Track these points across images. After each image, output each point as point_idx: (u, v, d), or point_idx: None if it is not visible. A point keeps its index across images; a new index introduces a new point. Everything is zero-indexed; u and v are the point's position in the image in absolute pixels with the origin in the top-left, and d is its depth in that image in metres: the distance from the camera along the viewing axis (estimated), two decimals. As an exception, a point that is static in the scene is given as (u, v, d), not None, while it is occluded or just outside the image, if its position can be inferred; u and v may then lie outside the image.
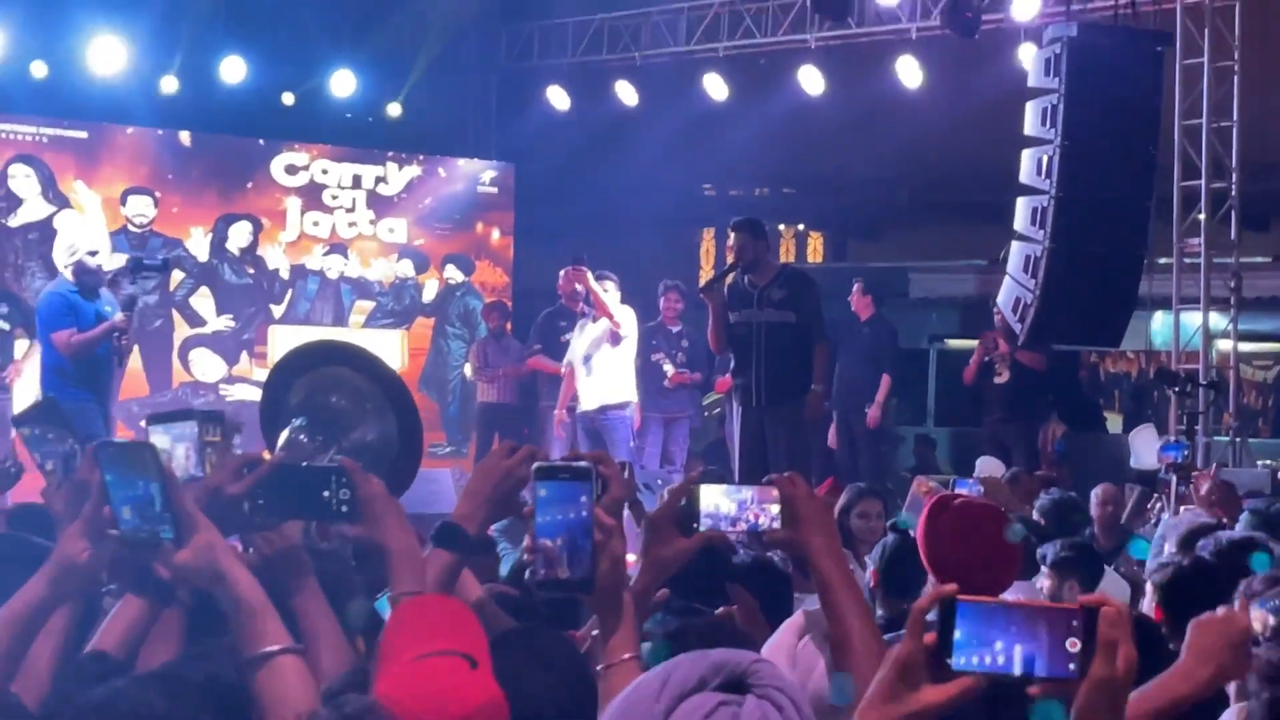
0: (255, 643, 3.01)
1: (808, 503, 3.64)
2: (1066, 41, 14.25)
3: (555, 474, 3.17)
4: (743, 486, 3.64)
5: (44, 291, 12.62)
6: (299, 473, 3.47)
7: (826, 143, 20.28)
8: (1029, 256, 14.45)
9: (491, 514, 3.69)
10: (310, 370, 4.72)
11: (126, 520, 3.10)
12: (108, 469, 3.12)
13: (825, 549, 3.63)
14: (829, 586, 3.60)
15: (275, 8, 18.10)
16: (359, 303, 18.47)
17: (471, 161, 19.37)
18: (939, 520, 5.40)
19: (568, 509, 3.14)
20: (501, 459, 3.66)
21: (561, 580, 3.15)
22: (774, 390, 11.97)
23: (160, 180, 17.37)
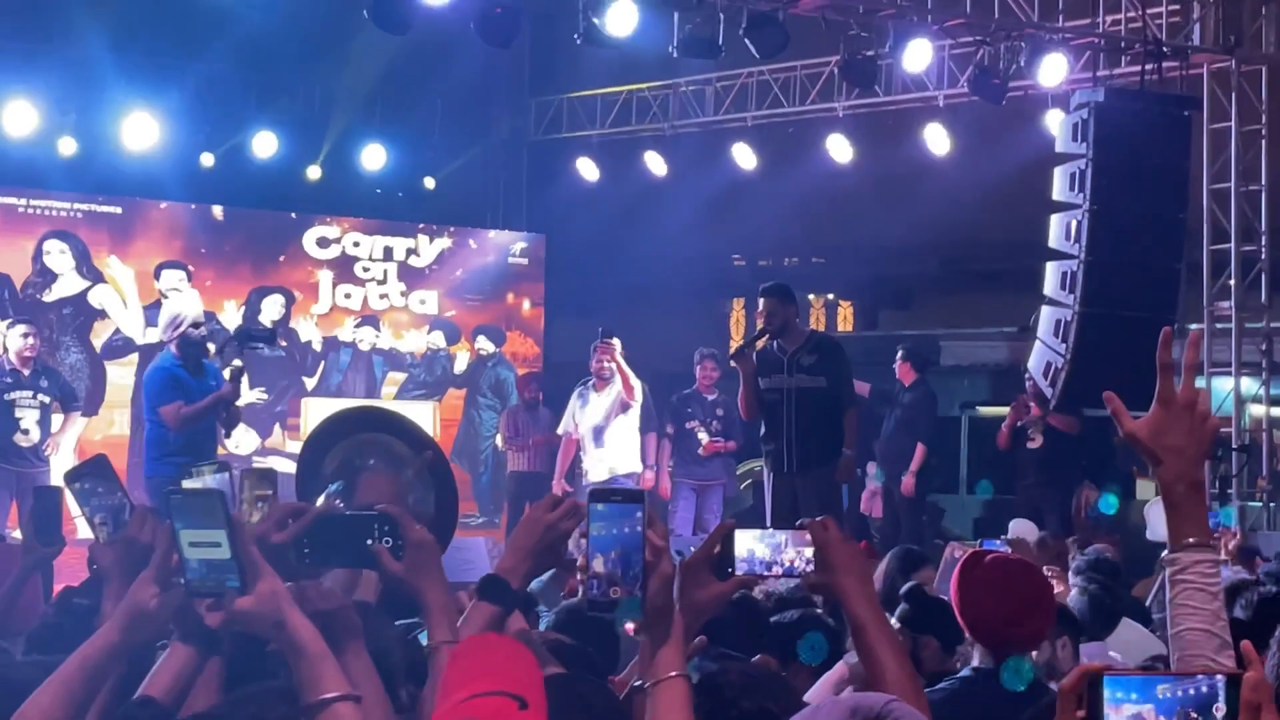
0: (314, 689, 3.05)
1: (841, 547, 3.67)
2: (1094, 107, 14.33)
3: (608, 497, 3.26)
4: (777, 531, 3.68)
5: (150, 366, 12.65)
6: (343, 520, 3.51)
7: (856, 211, 20.34)
8: (1059, 321, 14.48)
9: (535, 567, 3.72)
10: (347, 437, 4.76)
11: (194, 569, 3.13)
12: (177, 516, 3.15)
13: (858, 592, 3.65)
14: (863, 629, 3.63)
15: (306, 82, 18.26)
16: (391, 374, 18.54)
17: (502, 233, 19.48)
18: (972, 576, 5.40)
19: (620, 531, 3.23)
20: (545, 512, 3.69)
21: (615, 600, 3.23)
22: (805, 455, 11.99)
23: (193, 254, 17.48)
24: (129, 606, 3.20)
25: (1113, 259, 14.27)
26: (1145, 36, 15.14)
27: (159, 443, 11.85)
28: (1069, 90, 15.28)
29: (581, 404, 14.85)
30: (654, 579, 3.24)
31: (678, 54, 14.07)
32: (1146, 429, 3.37)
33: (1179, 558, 3.33)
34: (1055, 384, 14.49)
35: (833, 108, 17.51)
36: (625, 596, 3.22)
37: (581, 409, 14.82)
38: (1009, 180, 17.52)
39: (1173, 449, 3.36)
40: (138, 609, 3.20)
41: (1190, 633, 3.28)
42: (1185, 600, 3.31)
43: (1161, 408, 3.37)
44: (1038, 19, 15.00)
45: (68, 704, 3.10)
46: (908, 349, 16.42)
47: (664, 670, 3.25)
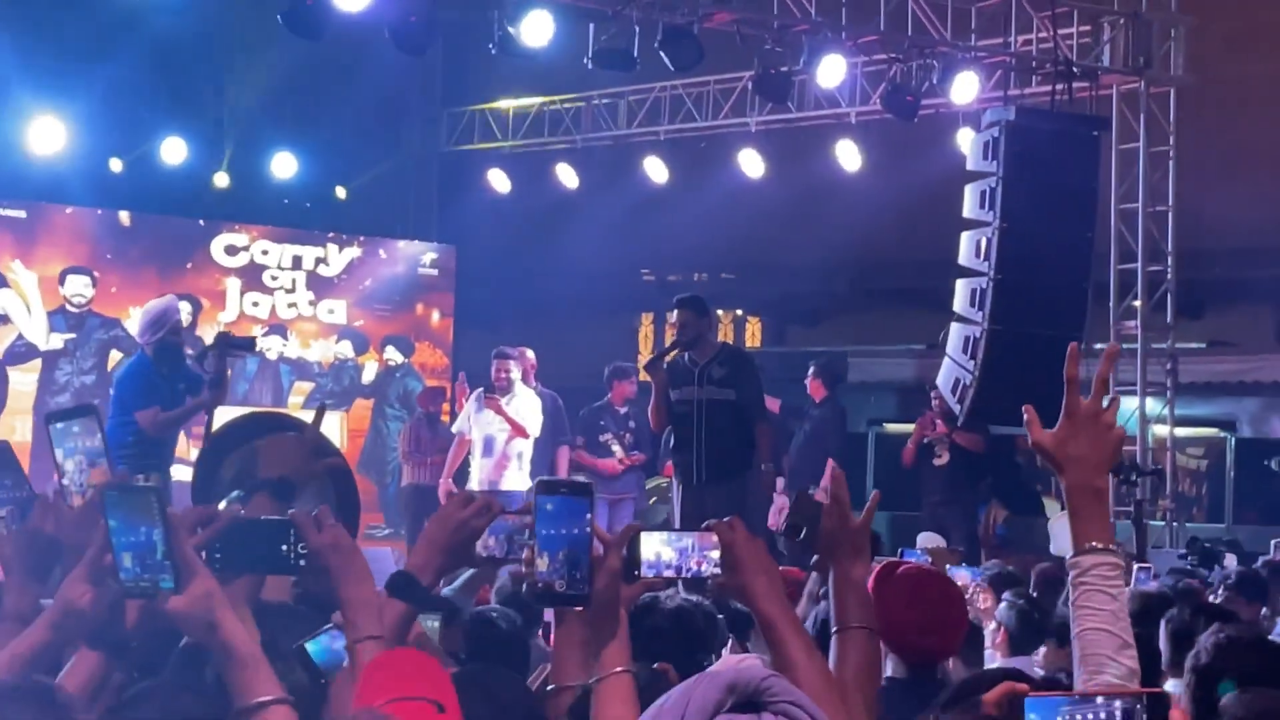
0: (247, 693, 3.02)
1: (746, 546, 3.63)
2: (1005, 126, 14.43)
3: (557, 489, 3.26)
4: (683, 534, 3.65)
5: (125, 367, 12.50)
6: (256, 526, 3.44)
7: (766, 226, 20.40)
8: (968, 338, 14.57)
9: (446, 563, 3.69)
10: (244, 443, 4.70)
11: (127, 568, 3.09)
12: (111, 514, 3.10)
13: (766, 591, 3.62)
14: (772, 627, 3.61)
15: (216, 89, 18.13)
16: (298, 383, 18.41)
17: (412, 243, 19.39)
18: (886, 587, 5.40)
19: (568, 524, 3.23)
20: (458, 509, 3.66)
21: (559, 593, 3.25)
22: (714, 468, 11.99)
23: (99, 260, 17.30)
24: (60, 604, 3.16)
25: (1022, 277, 14.37)
26: (1056, 57, 15.28)
27: (118, 444, 11.73)
28: (980, 109, 15.39)
29: (477, 409, 14.75)
30: (602, 573, 3.25)
31: (592, 66, 14.06)
32: (1052, 438, 3.47)
33: (1080, 561, 3.42)
34: (963, 400, 14.57)
35: (745, 123, 17.56)
36: (573, 591, 3.21)
37: (476, 414, 14.72)
38: (919, 197, 17.62)
39: (1076, 457, 3.46)
40: (70, 606, 3.15)
41: (1090, 633, 3.35)
42: (1086, 602, 3.39)
43: (1067, 418, 3.48)
44: (950, 37, 15.09)
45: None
46: (820, 365, 16.48)
47: (610, 665, 3.27)
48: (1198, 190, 16.58)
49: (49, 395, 16.81)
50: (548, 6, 13.19)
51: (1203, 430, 20.18)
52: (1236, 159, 18.93)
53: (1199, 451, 20.71)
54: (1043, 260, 14.38)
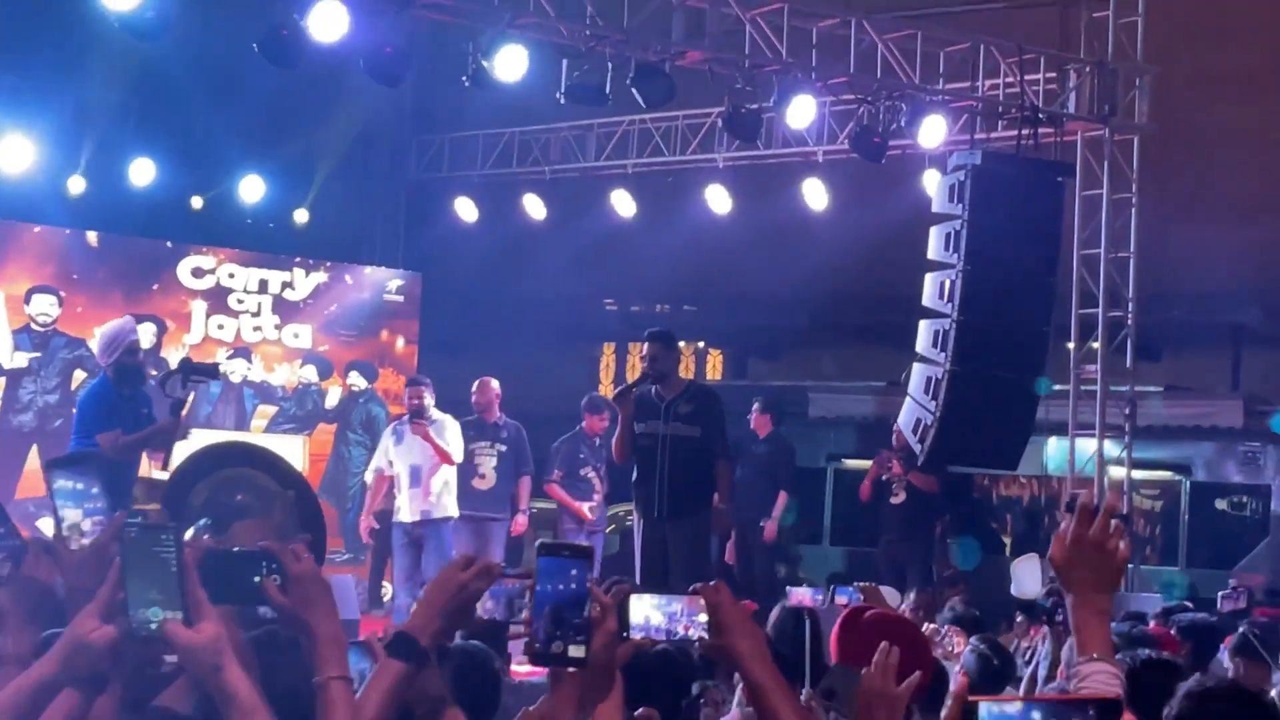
0: None
1: (732, 611, 3.72)
2: (971, 169, 14.58)
3: (558, 551, 3.35)
4: (672, 599, 3.72)
5: (87, 389, 12.50)
6: (230, 558, 3.47)
7: (731, 261, 20.50)
8: (930, 378, 14.69)
9: (446, 626, 3.72)
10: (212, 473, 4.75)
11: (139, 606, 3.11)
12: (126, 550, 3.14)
13: (753, 653, 3.71)
14: (761, 691, 3.69)
15: (186, 111, 18.10)
16: (261, 407, 18.39)
17: (378, 269, 19.41)
18: (851, 632, 5.47)
19: (567, 585, 3.32)
20: (458, 571, 3.70)
21: (557, 654, 3.32)
22: (675, 503, 12.06)
23: (65, 280, 17.27)
24: (70, 639, 3.17)
25: (984, 319, 14.50)
26: (1022, 102, 15.42)
27: None
28: (947, 152, 15.52)
29: (396, 441, 14.69)
30: (599, 634, 3.31)
31: (565, 100, 14.13)
32: (1061, 558, 3.57)
33: (1081, 669, 3.54)
34: (924, 440, 14.68)
35: (713, 158, 17.65)
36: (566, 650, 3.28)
37: (396, 445, 14.66)
38: (883, 237, 17.75)
39: (1081, 580, 3.57)
40: (79, 641, 3.16)
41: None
42: None
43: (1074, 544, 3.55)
44: (919, 81, 15.21)
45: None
46: (765, 400, 16.66)
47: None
48: (1157, 235, 16.74)
49: (11, 414, 16.78)
50: (522, 41, 13.26)
51: (1158, 473, 20.32)
52: (1194, 204, 19.14)
53: (1154, 493, 20.85)
54: (1005, 303, 14.52)
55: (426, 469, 14.41)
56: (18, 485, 16.47)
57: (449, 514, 14.52)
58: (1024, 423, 14.94)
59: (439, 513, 14.43)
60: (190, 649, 3.10)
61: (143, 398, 12.05)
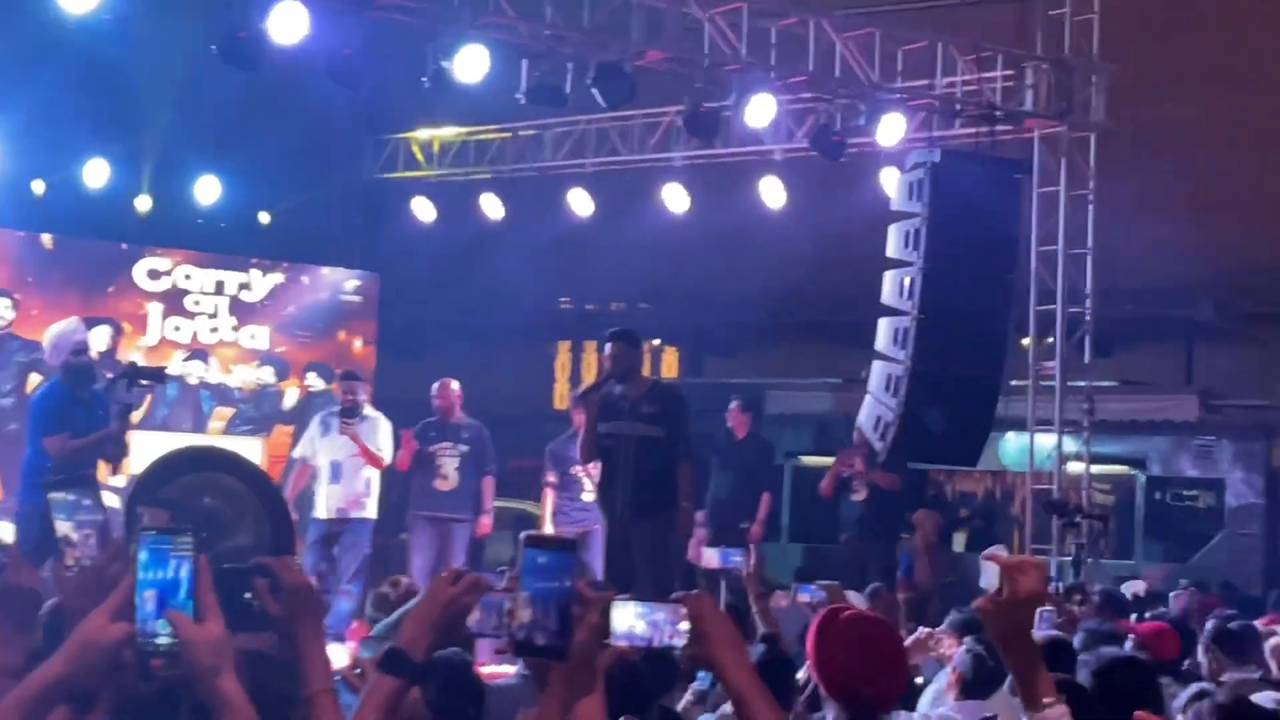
0: None
1: (714, 620, 3.73)
2: (930, 167, 14.61)
3: (542, 544, 3.34)
4: (655, 607, 3.72)
5: (38, 392, 12.44)
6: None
7: (688, 259, 20.52)
8: (890, 376, 14.72)
9: (436, 640, 3.70)
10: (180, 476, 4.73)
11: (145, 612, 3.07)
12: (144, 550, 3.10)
13: (735, 662, 3.72)
14: (743, 701, 3.70)
15: (140, 112, 18.03)
16: (218, 409, 18.33)
17: (335, 270, 19.35)
18: (829, 634, 5.45)
19: (552, 578, 3.31)
20: (448, 586, 3.70)
21: (539, 645, 3.32)
22: (638, 503, 11.94)
23: (20, 283, 17.18)
24: (80, 638, 3.12)
25: (944, 317, 14.53)
26: (980, 100, 15.49)
27: (36, 470, 11.70)
28: (905, 150, 15.55)
29: (323, 432, 14.57)
30: (581, 629, 3.32)
31: (525, 101, 14.10)
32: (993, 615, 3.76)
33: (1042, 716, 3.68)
34: (885, 438, 14.71)
35: (670, 157, 17.65)
36: (552, 644, 3.29)
37: (322, 437, 14.54)
38: (840, 235, 17.80)
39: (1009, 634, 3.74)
40: (89, 640, 3.11)
41: None
42: None
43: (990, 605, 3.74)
44: (878, 79, 15.24)
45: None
46: (745, 399, 16.60)
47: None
48: (1110, 230, 16.82)
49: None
50: (482, 41, 13.24)
51: (1113, 467, 20.43)
52: (1148, 200, 19.20)
53: (1108, 488, 20.96)
54: (965, 300, 14.55)
55: (348, 467, 14.31)
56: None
57: (367, 515, 14.41)
58: (984, 419, 15.00)
59: (357, 512, 14.33)
60: (193, 643, 3.06)
61: (98, 399, 12.00)
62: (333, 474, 14.33)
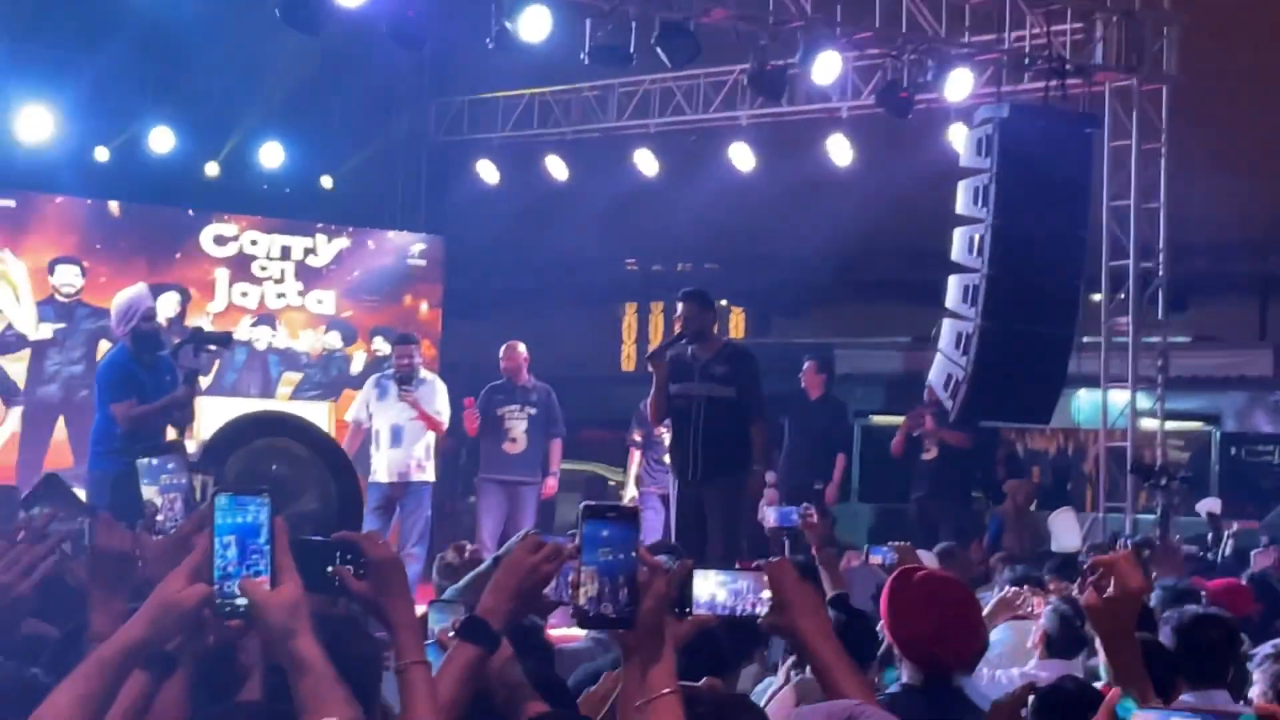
0: (316, 710, 3.00)
1: (796, 588, 3.69)
2: (998, 122, 14.47)
3: (603, 513, 3.28)
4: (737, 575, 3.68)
5: (105, 359, 12.49)
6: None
7: (755, 218, 20.45)
8: (960, 334, 14.61)
9: (516, 609, 3.71)
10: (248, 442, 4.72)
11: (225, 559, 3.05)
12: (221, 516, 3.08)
13: (817, 631, 3.69)
14: (826, 668, 3.67)
15: (204, 79, 18.06)
16: (286, 374, 18.35)
17: (401, 234, 19.33)
18: (902, 594, 5.40)
19: (615, 548, 3.27)
20: (528, 554, 3.69)
21: (605, 616, 3.27)
22: (710, 465, 11.84)
23: (88, 250, 17.22)
24: (158, 600, 3.09)
25: (1014, 273, 14.41)
26: (1049, 54, 15.31)
27: (105, 437, 11.73)
28: (973, 105, 15.40)
29: (379, 395, 14.41)
30: (648, 598, 3.27)
31: (589, 62, 14.01)
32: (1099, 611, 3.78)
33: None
34: (956, 396, 14.60)
35: (736, 116, 17.55)
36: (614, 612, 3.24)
37: (379, 400, 14.39)
38: (908, 193, 17.69)
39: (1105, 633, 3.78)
40: (167, 601, 3.09)
41: None
42: None
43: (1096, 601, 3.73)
44: (944, 34, 15.10)
45: (85, 703, 3.02)
46: (821, 359, 16.49)
47: (657, 688, 3.29)
48: (1183, 184, 16.65)
49: (38, 386, 16.77)
50: (545, 1, 13.15)
51: (1187, 424, 20.27)
52: (1221, 153, 19.02)
53: (1182, 444, 20.81)
54: (1035, 257, 14.43)
55: (409, 431, 14.20)
56: (45, 457, 16.48)
57: (427, 478, 14.35)
58: (1056, 376, 14.87)
59: (417, 476, 14.24)
60: (266, 607, 3.03)
61: (165, 364, 11.99)
62: (393, 438, 14.23)
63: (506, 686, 3.79)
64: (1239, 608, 8.24)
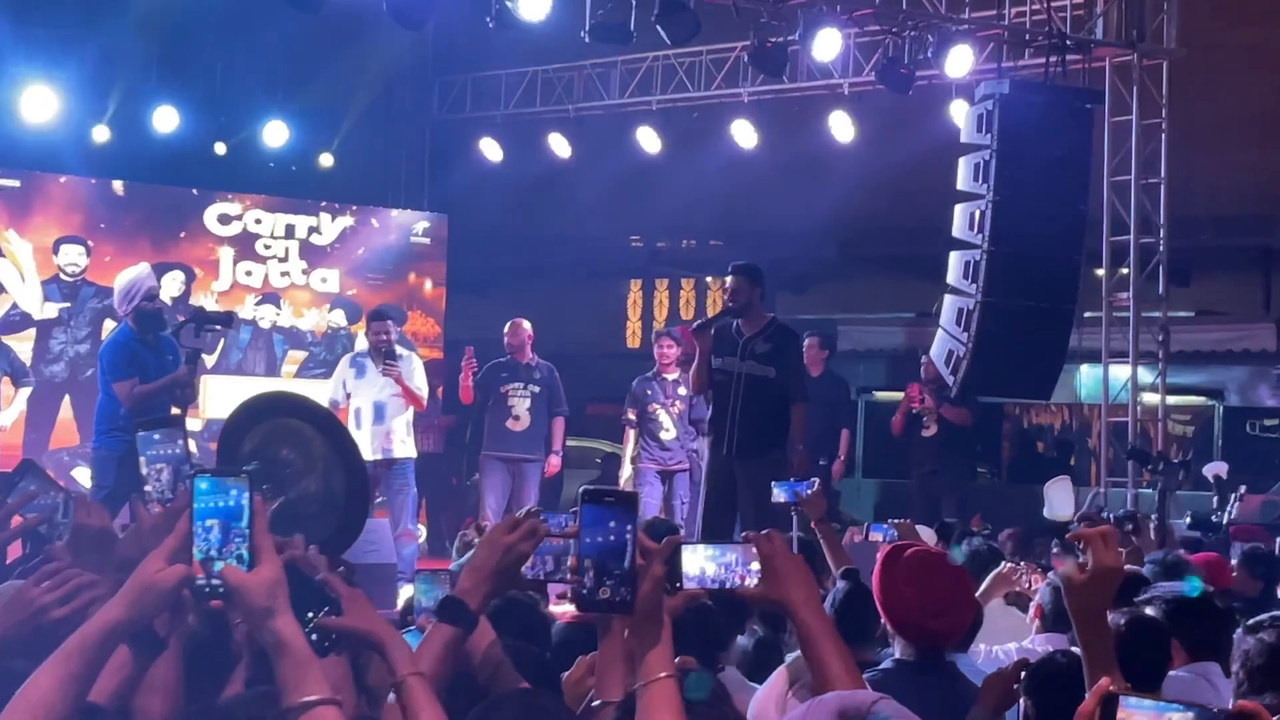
0: (297, 690, 3.01)
1: (786, 560, 3.73)
2: (999, 98, 14.48)
3: (601, 498, 3.31)
4: (726, 549, 3.71)
5: (108, 338, 12.56)
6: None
7: (757, 195, 20.44)
8: (961, 309, 14.63)
9: (494, 588, 3.72)
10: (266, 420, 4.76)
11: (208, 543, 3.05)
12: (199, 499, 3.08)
13: (805, 602, 3.73)
14: (812, 639, 3.71)
15: (208, 58, 18.10)
16: (291, 352, 18.40)
17: (404, 212, 19.35)
18: (894, 570, 5.44)
19: (612, 532, 3.29)
20: (505, 534, 3.71)
21: (603, 600, 3.31)
22: (745, 443, 11.76)
23: (93, 229, 17.27)
24: (137, 580, 3.10)
25: (1015, 249, 14.44)
26: (1049, 29, 15.33)
27: (109, 416, 11.81)
28: (974, 81, 15.43)
29: (356, 374, 14.16)
30: (646, 581, 3.30)
31: (590, 39, 14.04)
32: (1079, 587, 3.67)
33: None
34: (957, 372, 14.64)
35: (738, 93, 17.57)
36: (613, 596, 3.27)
37: (358, 378, 14.14)
38: (910, 168, 17.71)
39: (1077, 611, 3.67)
40: (146, 581, 3.09)
41: None
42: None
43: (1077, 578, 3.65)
44: (945, 10, 15.12)
45: (67, 684, 3.02)
46: (823, 336, 16.51)
47: (655, 671, 3.32)
48: (1184, 159, 16.66)
49: (43, 365, 16.82)
50: (545, -21, 13.19)
51: (1190, 398, 20.30)
52: (1222, 127, 19.03)
53: (1186, 419, 20.83)
54: (1036, 233, 14.45)
55: (391, 407, 14.05)
56: (51, 436, 16.55)
57: (410, 454, 14.31)
58: (1056, 352, 14.90)
59: (400, 452, 14.15)
60: (244, 589, 3.02)
61: (168, 344, 12.05)
62: (376, 415, 13.99)
63: (488, 664, 3.84)
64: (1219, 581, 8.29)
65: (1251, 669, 4.95)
